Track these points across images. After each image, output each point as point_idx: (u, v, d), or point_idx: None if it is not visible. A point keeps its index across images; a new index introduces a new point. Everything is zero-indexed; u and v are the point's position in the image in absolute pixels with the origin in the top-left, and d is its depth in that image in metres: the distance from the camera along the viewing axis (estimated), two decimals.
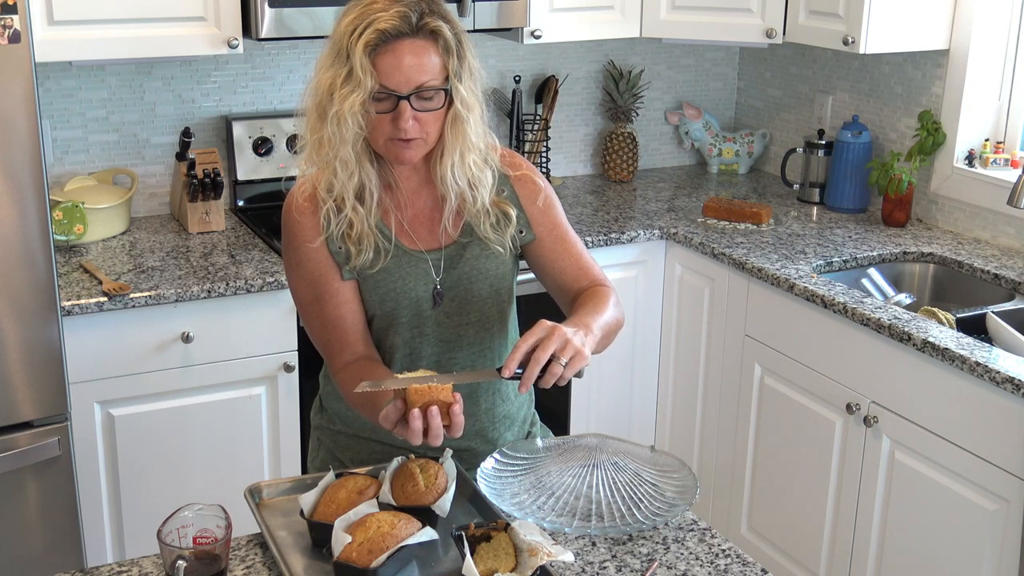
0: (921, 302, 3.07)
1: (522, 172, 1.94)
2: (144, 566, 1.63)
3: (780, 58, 3.89)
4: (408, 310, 1.87)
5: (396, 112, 1.73)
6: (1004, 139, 3.27)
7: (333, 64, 1.73)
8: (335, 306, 1.85)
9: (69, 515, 2.63)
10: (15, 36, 2.33)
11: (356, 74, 1.69)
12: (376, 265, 1.84)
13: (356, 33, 1.70)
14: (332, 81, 1.72)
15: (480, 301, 1.90)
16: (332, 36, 1.76)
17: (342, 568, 1.54)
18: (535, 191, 1.95)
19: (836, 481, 2.86)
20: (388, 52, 1.70)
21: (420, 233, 1.88)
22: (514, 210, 1.90)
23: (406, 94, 1.72)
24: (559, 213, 1.98)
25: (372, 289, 1.86)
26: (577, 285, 1.94)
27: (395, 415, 1.63)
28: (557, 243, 1.95)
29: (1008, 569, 2.42)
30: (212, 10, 2.92)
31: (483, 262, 1.89)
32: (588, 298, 1.87)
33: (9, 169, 2.39)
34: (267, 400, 2.91)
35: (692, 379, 3.36)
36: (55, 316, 2.51)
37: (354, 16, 1.72)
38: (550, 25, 3.35)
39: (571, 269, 1.95)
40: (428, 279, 1.87)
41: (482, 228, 1.87)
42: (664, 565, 1.65)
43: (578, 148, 3.94)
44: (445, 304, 1.88)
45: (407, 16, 1.70)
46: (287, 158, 3.36)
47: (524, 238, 1.93)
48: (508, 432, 2.00)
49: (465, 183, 1.83)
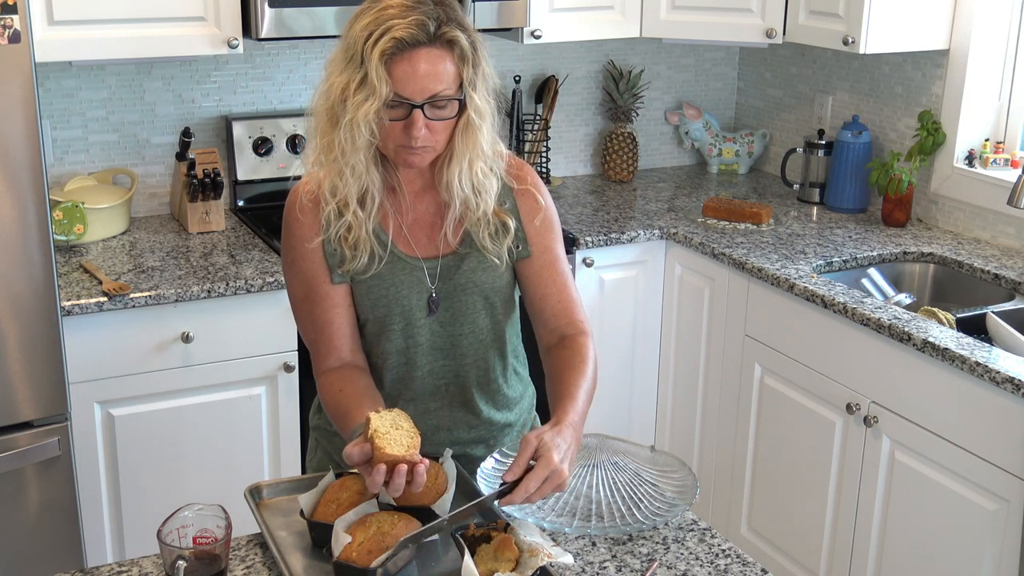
0: (921, 302, 3.07)
1: (526, 187, 1.90)
2: (144, 566, 1.64)
3: (780, 58, 3.89)
4: (401, 317, 1.85)
5: (409, 120, 1.71)
6: (1004, 139, 3.27)
7: (346, 68, 1.70)
8: (325, 309, 1.84)
9: (69, 515, 2.63)
10: (15, 36, 2.33)
11: (371, 82, 1.67)
12: (369, 271, 1.82)
13: (372, 39, 1.67)
14: (345, 86, 1.70)
15: (474, 313, 1.88)
16: (345, 38, 1.73)
17: (342, 568, 1.54)
18: (536, 209, 1.90)
19: (836, 481, 2.86)
20: (404, 60, 1.67)
21: (419, 239, 1.86)
22: (513, 222, 1.87)
23: (420, 103, 1.70)
24: (555, 238, 1.92)
25: (364, 294, 1.84)
26: (556, 320, 1.89)
27: (359, 458, 1.60)
28: (545, 268, 1.90)
29: (1008, 569, 2.42)
30: (212, 10, 2.92)
31: (479, 275, 1.86)
32: (577, 376, 1.79)
33: (9, 169, 2.39)
34: (267, 400, 2.91)
35: (692, 379, 3.36)
36: (55, 316, 2.51)
37: (369, 21, 1.69)
38: (550, 25, 3.35)
39: (552, 299, 1.89)
40: (423, 287, 1.85)
41: (480, 237, 1.85)
42: (664, 565, 1.65)
43: (578, 148, 3.94)
44: (440, 313, 1.87)
45: (424, 24, 1.67)
46: (287, 158, 3.36)
47: (520, 253, 1.89)
48: (508, 439, 2.00)
49: (470, 190, 1.81)
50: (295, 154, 3.35)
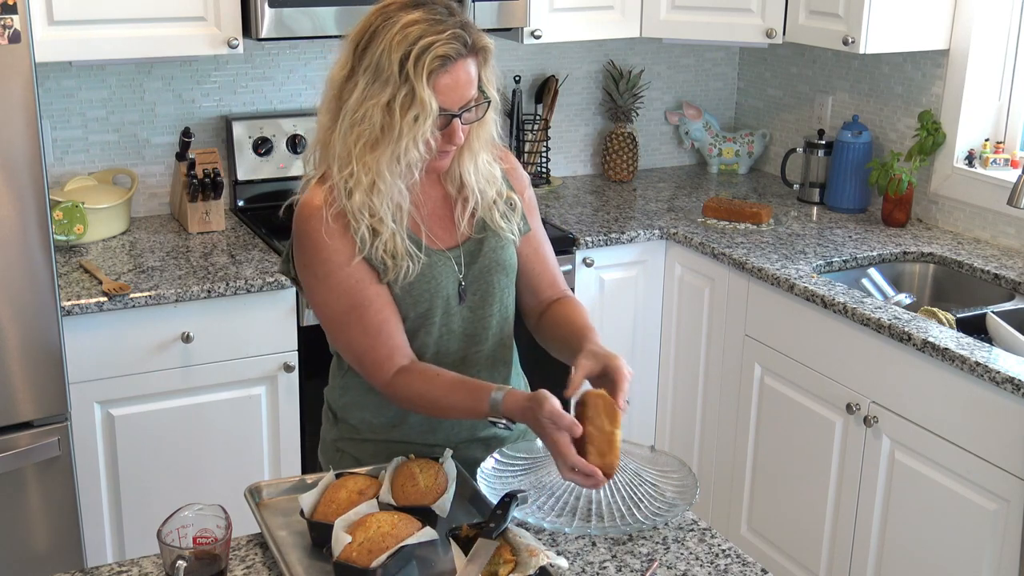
0: (921, 302, 3.07)
1: (511, 166, 1.98)
2: (144, 566, 1.64)
3: (780, 58, 3.89)
4: (440, 309, 1.87)
5: (449, 129, 1.75)
6: (1004, 139, 3.27)
7: (381, 89, 1.69)
8: (377, 310, 1.81)
9: (69, 515, 2.63)
10: (15, 36, 2.33)
11: (421, 100, 1.68)
12: (410, 276, 1.81)
13: (412, 58, 1.67)
14: (386, 106, 1.69)
15: (499, 291, 1.93)
16: (370, 58, 1.71)
17: (342, 568, 1.54)
18: (522, 185, 1.99)
19: (836, 481, 2.86)
20: (446, 75, 1.70)
21: (437, 232, 1.88)
22: (517, 198, 1.94)
23: (458, 112, 1.75)
24: (537, 213, 2.04)
25: (406, 293, 1.83)
26: (550, 291, 2.00)
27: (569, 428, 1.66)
28: (539, 242, 2.00)
29: (1008, 569, 2.42)
30: (212, 10, 2.92)
31: (499, 253, 1.91)
32: (580, 316, 1.93)
33: (9, 169, 2.39)
34: (267, 400, 2.91)
35: (692, 379, 3.36)
36: (55, 316, 2.51)
37: (398, 39, 1.68)
38: (550, 25, 3.35)
39: (548, 272, 2.00)
40: (454, 276, 1.87)
41: (494, 219, 1.89)
42: (664, 565, 1.65)
43: (578, 148, 3.94)
44: (468, 299, 1.90)
45: (461, 37, 1.71)
46: (287, 158, 3.36)
47: (524, 228, 1.96)
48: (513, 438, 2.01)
49: (483, 179, 1.87)
50: (295, 154, 3.35)
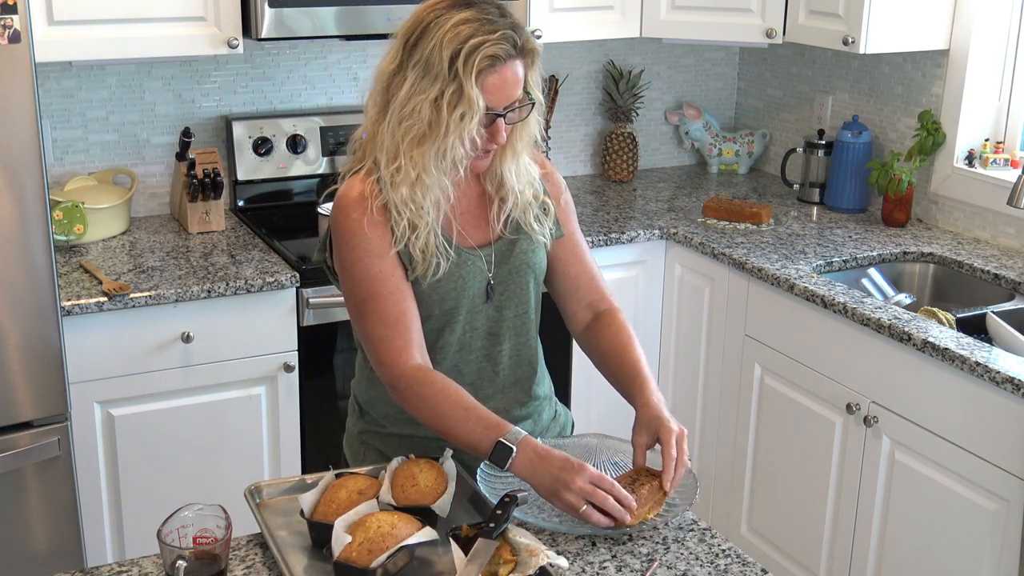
0: (921, 302, 3.07)
1: (548, 171, 1.99)
2: (144, 566, 1.64)
3: (780, 58, 3.89)
4: (466, 307, 1.88)
5: (494, 128, 1.77)
6: (1004, 139, 3.27)
7: (430, 84, 1.71)
8: (397, 301, 1.81)
9: (69, 515, 2.63)
10: (15, 36, 2.33)
11: (469, 98, 1.70)
12: (439, 273, 1.83)
13: (463, 56, 1.69)
14: (434, 102, 1.71)
15: (525, 293, 1.94)
16: (420, 53, 1.72)
17: (342, 568, 1.54)
18: (559, 190, 1.99)
19: (836, 481, 2.86)
20: (494, 74, 1.72)
21: (469, 230, 1.89)
22: (551, 203, 1.94)
23: (503, 112, 1.76)
24: (575, 217, 2.03)
25: (433, 289, 1.84)
26: (590, 296, 2.01)
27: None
28: (577, 246, 2.01)
29: (1008, 569, 2.42)
30: (212, 10, 2.92)
31: (530, 255, 1.92)
32: (636, 354, 1.93)
33: (9, 169, 2.39)
34: (267, 400, 2.91)
35: (692, 379, 3.36)
36: (55, 316, 2.51)
37: (449, 36, 1.70)
38: (550, 25, 3.35)
39: (586, 276, 2.01)
40: (482, 275, 1.89)
41: (528, 222, 1.90)
42: (664, 565, 1.65)
43: (578, 148, 3.94)
44: (496, 298, 1.91)
45: (511, 38, 1.72)
46: (287, 158, 3.35)
47: (556, 233, 1.97)
48: (547, 411, 2.04)
49: (523, 181, 1.88)
50: (295, 154, 3.35)
